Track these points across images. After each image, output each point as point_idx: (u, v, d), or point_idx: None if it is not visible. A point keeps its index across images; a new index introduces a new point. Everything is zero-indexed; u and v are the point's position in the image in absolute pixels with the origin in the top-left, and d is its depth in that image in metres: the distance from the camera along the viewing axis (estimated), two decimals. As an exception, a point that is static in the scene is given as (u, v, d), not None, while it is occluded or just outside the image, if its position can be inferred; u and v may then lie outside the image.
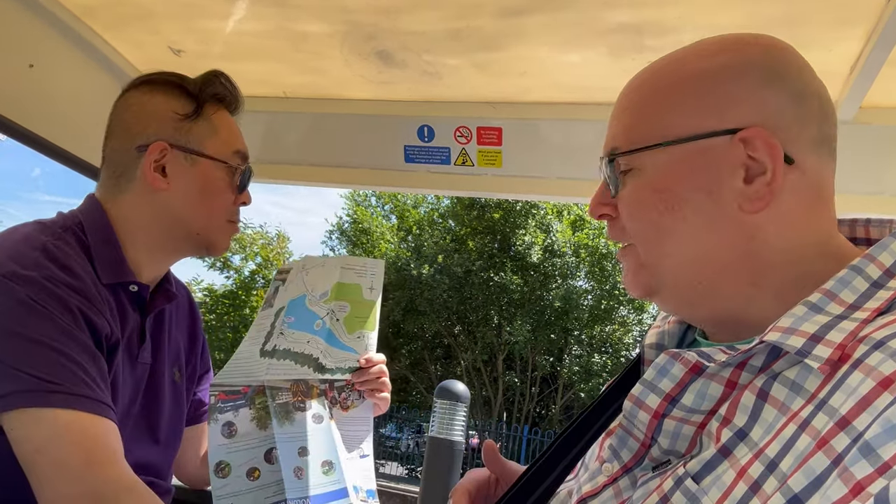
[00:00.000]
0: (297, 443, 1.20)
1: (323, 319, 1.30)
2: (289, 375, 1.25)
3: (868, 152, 1.55)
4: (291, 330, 1.26)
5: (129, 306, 1.14)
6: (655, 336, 0.82)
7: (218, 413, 1.17)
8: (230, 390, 1.20)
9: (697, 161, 0.66)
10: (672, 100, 0.68)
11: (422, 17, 1.44)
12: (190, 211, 1.16)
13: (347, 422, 1.31)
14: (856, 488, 0.44)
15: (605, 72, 1.57)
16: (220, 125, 1.20)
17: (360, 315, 1.34)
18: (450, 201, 17.80)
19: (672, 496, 0.59)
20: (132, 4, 1.54)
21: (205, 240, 1.19)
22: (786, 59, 0.67)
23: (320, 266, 1.32)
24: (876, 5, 1.23)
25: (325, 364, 1.29)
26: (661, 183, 0.68)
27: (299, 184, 2.04)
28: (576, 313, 16.64)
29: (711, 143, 0.65)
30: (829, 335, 0.55)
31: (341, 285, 1.32)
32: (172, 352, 1.30)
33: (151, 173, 1.14)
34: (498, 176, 1.81)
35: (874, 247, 0.61)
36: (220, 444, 1.15)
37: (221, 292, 18.58)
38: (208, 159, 1.17)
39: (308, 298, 1.29)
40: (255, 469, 1.16)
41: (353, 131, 1.90)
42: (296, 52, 1.66)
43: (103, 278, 1.08)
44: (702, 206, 0.66)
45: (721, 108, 0.66)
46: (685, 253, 0.68)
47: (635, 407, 0.67)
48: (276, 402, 1.21)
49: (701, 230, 0.66)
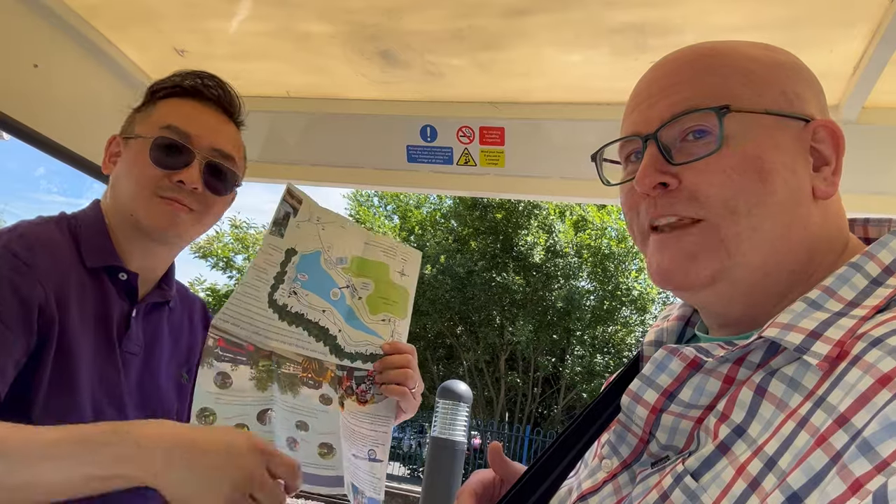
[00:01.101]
0: (298, 415, 1.12)
1: (341, 290, 1.20)
2: (302, 350, 1.16)
3: (871, 152, 1.55)
4: (306, 290, 1.17)
5: (116, 294, 1.17)
6: (654, 333, 0.83)
7: (214, 360, 1.09)
8: (233, 341, 1.11)
9: (781, 138, 0.66)
10: (755, 74, 0.67)
11: (424, 17, 1.45)
12: (120, 189, 1.20)
13: (363, 417, 1.19)
14: (855, 485, 0.44)
15: (608, 72, 1.57)
16: (159, 108, 1.22)
17: (387, 298, 1.23)
18: (452, 201, 17.80)
19: (671, 494, 0.59)
20: (136, 5, 1.55)
21: (135, 218, 1.17)
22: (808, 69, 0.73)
23: (339, 226, 1.21)
24: (878, 6, 1.23)
25: (342, 346, 1.19)
26: (757, 150, 0.64)
27: (302, 183, 2.04)
28: (578, 314, 16.63)
29: (793, 125, 0.67)
30: (828, 332, 0.55)
31: (364, 261, 1.23)
32: (179, 353, 1.31)
33: (107, 161, 1.25)
34: (500, 176, 1.81)
35: (874, 244, 0.62)
36: (209, 390, 1.07)
37: (224, 292, 18.62)
38: (137, 139, 1.20)
39: (323, 257, 1.19)
40: (244, 426, 1.07)
41: (355, 131, 1.90)
42: (299, 53, 1.67)
43: (87, 262, 1.14)
44: (788, 182, 0.65)
45: (800, 95, 0.69)
46: (773, 229, 0.64)
47: (633, 402, 0.67)
48: (282, 371, 1.13)
49: (787, 206, 0.64)
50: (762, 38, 0.75)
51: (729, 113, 0.65)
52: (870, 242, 0.69)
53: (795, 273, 0.66)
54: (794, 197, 0.65)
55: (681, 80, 0.69)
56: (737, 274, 0.65)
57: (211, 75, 1.25)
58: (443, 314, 17.23)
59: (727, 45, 0.71)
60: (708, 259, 0.65)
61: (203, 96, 1.23)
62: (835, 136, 0.68)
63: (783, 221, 0.64)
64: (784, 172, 0.64)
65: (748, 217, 0.64)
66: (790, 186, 0.64)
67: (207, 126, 1.21)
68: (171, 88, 1.23)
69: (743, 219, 0.64)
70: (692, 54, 0.71)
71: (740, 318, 0.69)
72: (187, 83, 1.23)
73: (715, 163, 0.65)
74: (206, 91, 1.23)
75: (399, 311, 1.24)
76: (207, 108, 1.23)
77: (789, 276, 0.66)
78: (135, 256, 1.21)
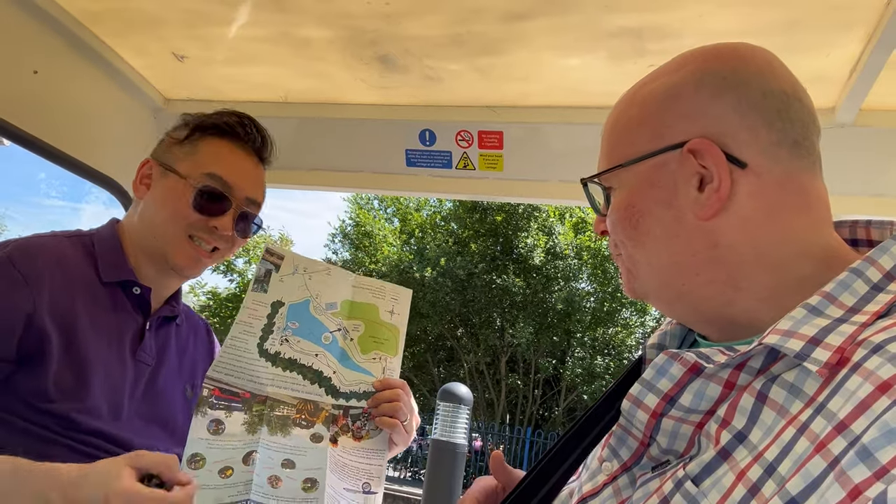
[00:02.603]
0: (286, 454, 1.16)
1: (333, 334, 1.25)
2: (296, 393, 1.20)
3: (868, 154, 1.55)
4: (297, 337, 1.22)
5: (132, 307, 1.26)
6: (657, 337, 0.84)
7: (208, 408, 1.14)
8: (228, 390, 1.16)
9: (655, 176, 0.71)
10: (631, 122, 0.74)
11: (423, 22, 1.45)
12: (152, 217, 1.26)
13: (357, 453, 1.23)
14: (854, 492, 0.44)
15: (606, 76, 1.57)
16: (203, 149, 1.28)
17: (378, 337, 1.29)
18: (452, 204, 17.80)
19: (672, 499, 0.60)
20: (136, 11, 1.55)
21: (160, 248, 1.25)
22: (745, 66, 0.70)
23: (324, 273, 1.28)
24: (875, 9, 1.24)
25: (338, 387, 1.23)
26: (627, 200, 0.73)
27: (301, 188, 2.04)
28: (578, 315, 16.62)
29: (666, 159, 0.70)
30: (828, 338, 0.55)
31: (354, 304, 1.28)
32: (185, 369, 1.37)
33: (137, 184, 1.30)
34: (499, 179, 1.81)
35: (875, 250, 0.61)
36: (201, 437, 1.11)
37: (225, 295, 18.61)
38: (176, 175, 1.25)
39: (313, 305, 1.25)
40: (230, 468, 1.12)
41: (354, 135, 1.90)
42: (298, 58, 1.67)
43: (104, 277, 1.22)
44: (662, 218, 0.71)
45: (671, 125, 0.70)
46: (657, 261, 0.72)
47: (634, 406, 0.67)
48: (274, 414, 1.18)
49: (665, 240, 0.71)
50: (759, 42, 0.75)
51: (605, 174, 0.76)
52: (872, 244, 0.69)
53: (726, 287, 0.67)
54: (672, 229, 0.70)
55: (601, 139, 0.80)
56: (652, 295, 0.76)
57: (250, 118, 1.33)
58: (443, 316, 17.22)
59: (631, 92, 0.77)
60: (629, 282, 0.78)
61: (242, 140, 1.30)
62: (711, 148, 0.67)
63: (668, 251, 0.71)
64: (657, 210, 0.71)
65: (635, 256, 0.75)
66: (663, 221, 0.70)
67: (247, 176, 1.30)
68: (213, 127, 1.29)
69: (633, 257, 0.75)
70: (614, 108, 0.80)
71: (722, 328, 0.70)
72: (229, 123, 1.30)
73: (610, 216, 0.77)
74: (246, 137, 1.30)
75: (390, 349, 1.30)
76: (247, 155, 1.31)
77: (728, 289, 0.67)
78: (149, 276, 1.28)
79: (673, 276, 0.71)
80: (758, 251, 0.66)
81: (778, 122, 0.67)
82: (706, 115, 0.69)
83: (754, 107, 0.68)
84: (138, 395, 1.23)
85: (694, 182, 0.68)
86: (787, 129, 0.68)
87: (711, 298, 0.69)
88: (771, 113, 0.67)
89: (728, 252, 0.67)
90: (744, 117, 0.67)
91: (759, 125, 0.67)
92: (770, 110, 0.68)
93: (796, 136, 0.68)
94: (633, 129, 0.74)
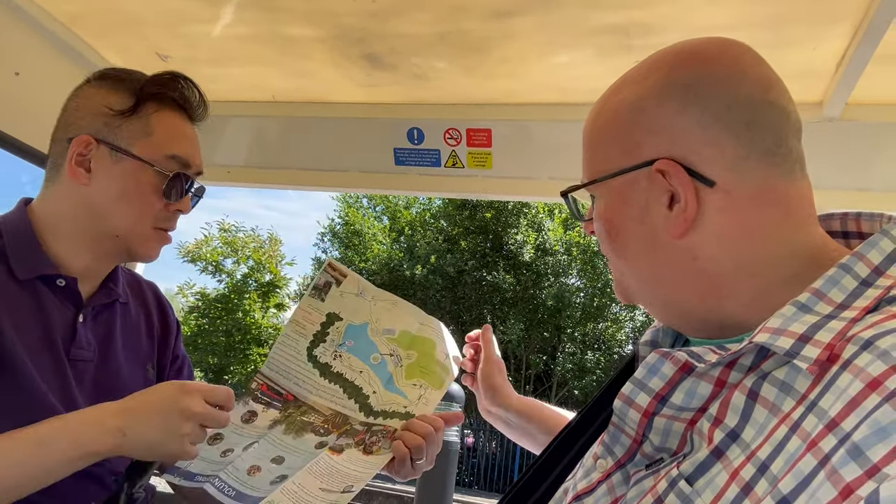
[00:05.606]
0: (280, 451, 1.15)
1: (383, 357, 1.26)
2: (333, 404, 1.22)
3: (855, 149, 1.56)
4: (349, 354, 1.25)
5: (58, 302, 1.11)
6: (651, 333, 0.84)
7: (251, 399, 1.17)
8: (275, 388, 1.20)
9: (627, 193, 0.71)
10: (603, 135, 0.74)
11: (410, 20, 1.44)
12: (109, 210, 1.12)
13: (359, 463, 1.21)
14: (845, 491, 0.44)
15: (593, 72, 1.57)
16: (157, 126, 1.14)
17: (427, 368, 1.28)
18: (441, 202, 17.80)
19: (666, 498, 0.59)
20: (119, 11, 1.54)
21: (125, 243, 1.14)
22: (709, 74, 0.67)
23: (391, 303, 1.30)
24: (861, 3, 1.24)
25: (373, 406, 1.24)
26: (605, 214, 0.74)
27: (289, 188, 2.03)
28: (568, 311, 16.67)
29: (637, 177, 0.69)
30: (818, 335, 0.55)
31: (413, 336, 1.29)
32: (141, 349, 1.26)
33: (72, 166, 1.11)
34: (488, 177, 1.81)
35: (863, 244, 0.61)
36: (232, 421, 1.11)
37: (214, 296, 18.49)
38: (135, 159, 1.11)
39: (371, 328, 1.27)
40: (231, 450, 1.12)
41: (342, 135, 1.89)
42: (284, 57, 1.66)
43: (19, 274, 1.06)
44: (637, 234, 0.71)
45: (639, 141, 0.69)
46: (639, 273, 0.73)
47: (626, 405, 0.67)
48: (301, 418, 1.19)
49: (645, 254, 0.71)
50: (746, 37, 0.73)
51: (587, 185, 0.76)
52: (863, 236, 0.69)
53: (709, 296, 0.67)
54: (649, 244, 0.70)
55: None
56: (639, 301, 0.76)
57: (186, 78, 1.20)
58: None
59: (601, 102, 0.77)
60: (617, 288, 0.79)
61: (192, 114, 1.21)
62: (676, 169, 0.65)
63: (649, 264, 0.71)
64: (631, 225, 0.71)
65: (618, 267, 0.76)
66: (638, 236, 0.71)
67: (196, 148, 1.20)
68: (154, 96, 1.15)
69: (616, 268, 0.77)
70: (588, 117, 0.79)
71: (711, 331, 0.70)
72: (183, 95, 1.18)
73: (595, 223, 0.77)
74: (192, 108, 1.20)
75: (434, 382, 1.28)
76: (189, 121, 1.21)
77: (711, 299, 0.67)
78: (80, 263, 1.14)
79: (656, 286, 0.72)
80: (737, 262, 0.65)
81: (746, 134, 0.65)
82: (671, 129, 0.66)
83: (719, 119, 0.65)
84: (87, 395, 1.11)
85: (664, 200, 0.67)
86: (755, 139, 0.65)
87: (697, 306, 0.69)
88: (738, 125, 0.65)
89: (708, 264, 0.66)
90: (707, 131, 0.65)
91: (724, 139, 0.65)
92: (737, 122, 0.65)
93: (768, 145, 0.65)
94: (606, 143, 0.73)
